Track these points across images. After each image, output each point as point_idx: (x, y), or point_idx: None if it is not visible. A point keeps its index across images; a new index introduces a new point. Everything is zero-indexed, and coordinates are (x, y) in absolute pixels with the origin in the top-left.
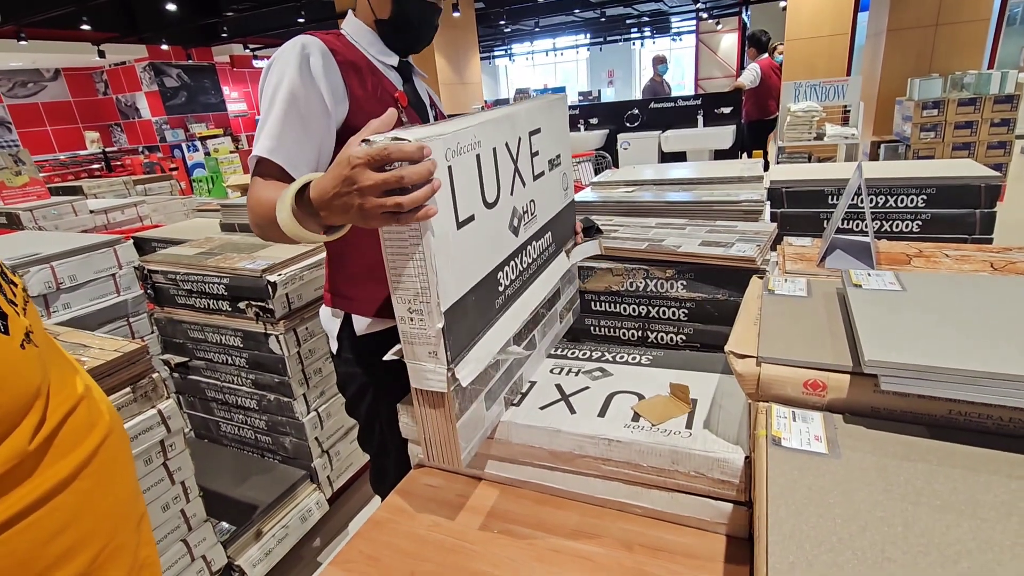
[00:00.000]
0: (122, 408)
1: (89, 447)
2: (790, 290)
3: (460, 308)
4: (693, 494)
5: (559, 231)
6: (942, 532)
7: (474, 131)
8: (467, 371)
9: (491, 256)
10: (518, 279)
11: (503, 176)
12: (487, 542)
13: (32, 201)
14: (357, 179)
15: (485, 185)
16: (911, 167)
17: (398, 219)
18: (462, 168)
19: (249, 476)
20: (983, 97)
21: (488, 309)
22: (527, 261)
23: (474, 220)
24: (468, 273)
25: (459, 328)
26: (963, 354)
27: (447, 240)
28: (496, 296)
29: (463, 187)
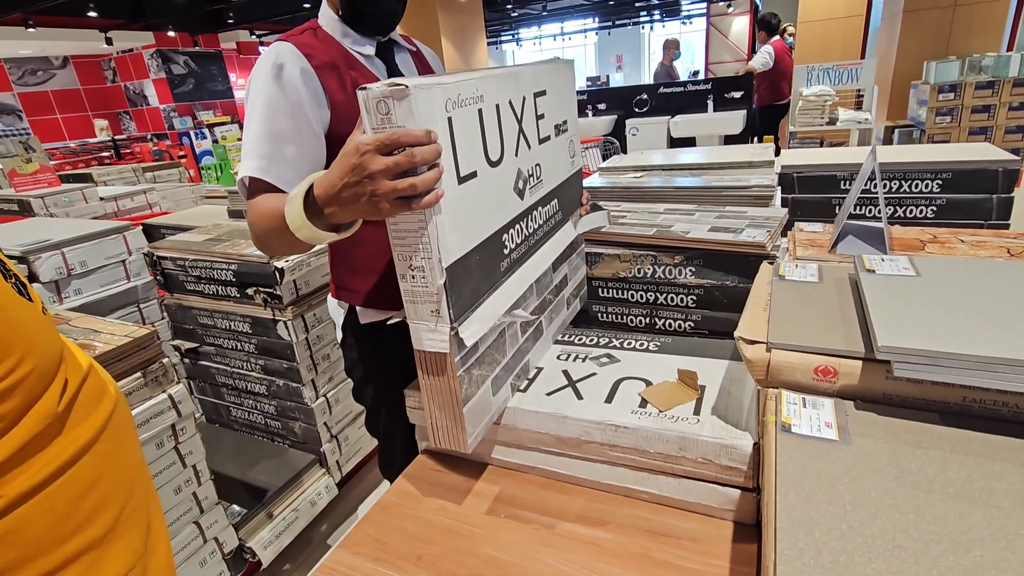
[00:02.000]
0: (133, 393)
1: (103, 414)
2: (801, 275)
3: (463, 266)
4: (700, 480)
5: (566, 199)
6: (955, 520)
7: (476, 84)
8: (471, 331)
9: (495, 216)
10: (524, 243)
11: (507, 135)
12: (494, 526)
13: (43, 188)
14: (367, 165)
15: (488, 141)
16: (926, 151)
17: (410, 204)
18: (463, 121)
19: (259, 460)
20: (1002, 80)
21: (493, 271)
22: (533, 226)
23: (477, 177)
24: (471, 231)
25: (462, 287)
26: (979, 340)
27: (447, 194)
28: (501, 259)
29: (464, 141)
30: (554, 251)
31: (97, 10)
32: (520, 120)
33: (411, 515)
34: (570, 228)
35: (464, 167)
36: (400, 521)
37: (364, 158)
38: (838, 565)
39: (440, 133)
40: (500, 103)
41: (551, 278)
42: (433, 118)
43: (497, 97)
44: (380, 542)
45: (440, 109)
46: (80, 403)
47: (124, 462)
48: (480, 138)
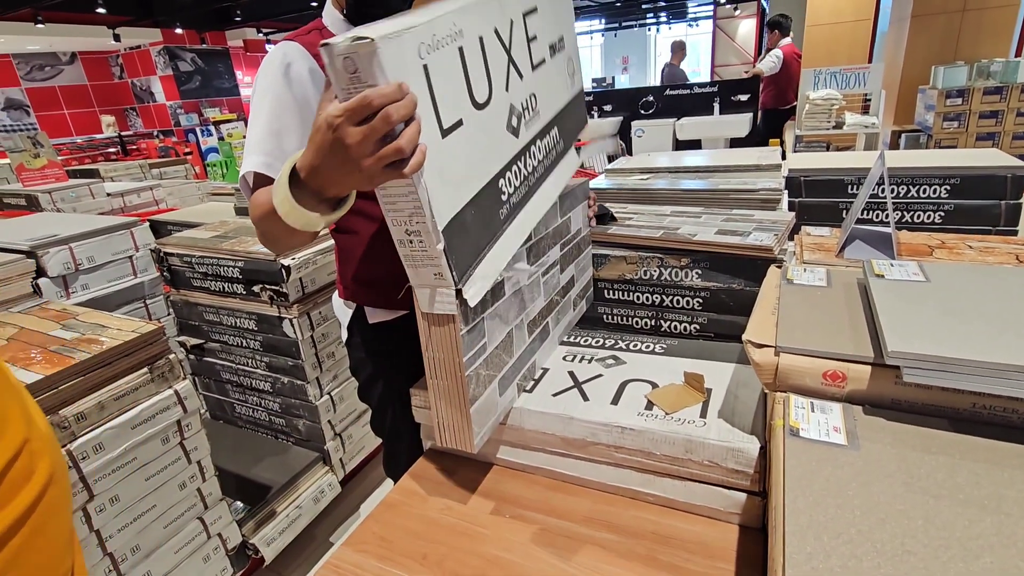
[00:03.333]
0: (139, 388)
1: (23, 503)
2: (809, 280)
3: (459, 224)
4: (706, 483)
5: (567, 125)
6: (964, 526)
7: (453, 19)
8: (474, 290)
9: (489, 163)
10: (523, 185)
11: (494, 70)
12: (498, 526)
13: (51, 183)
14: (343, 139)
15: (473, 83)
16: (934, 156)
17: (400, 170)
18: (442, 65)
19: (263, 457)
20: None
21: (492, 221)
22: (532, 164)
23: (463, 125)
24: (463, 185)
25: (461, 245)
26: (989, 346)
27: (432, 150)
28: (499, 206)
29: (445, 88)
30: (557, 186)
31: (105, 6)
32: (508, 49)
33: (416, 514)
34: (573, 157)
35: (447, 117)
36: (405, 520)
37: (338, 133)
38: (847, 570)
39: (416, 84)
40: (484, 34)
41: (559, 279)
42: (406, 69)
43: (479, 28)
44: (385, 540)
45: (413, 58)
46: None
47: (39, 555)
48: (463, 80)
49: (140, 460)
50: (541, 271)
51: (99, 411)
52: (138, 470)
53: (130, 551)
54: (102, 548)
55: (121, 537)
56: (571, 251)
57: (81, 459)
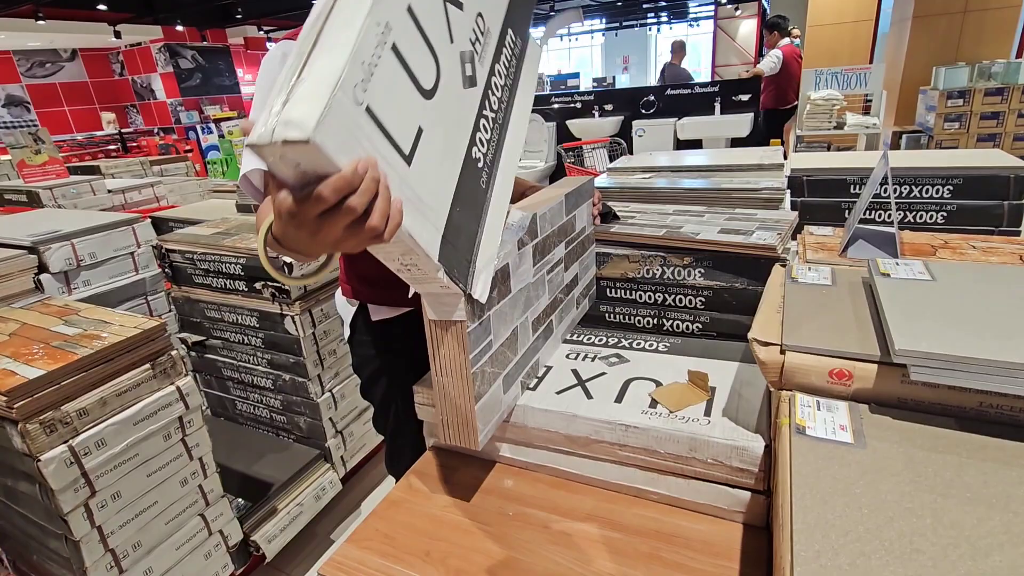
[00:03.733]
0: (141, 384)
1: None
2: (814, 278)
3: (450, 234)
4: (710, 481)
5: (518, 15)
6: (972, 525)
7: (375, 18)
8: (481, 286)
9: (457, 141)
10: (494, 130)
11: (433, 32)
12: (502, 524)
13: (52, 180)
14: (306, 229)
15: (418, 73)
16: (937, 156)
17: (382, 239)
18: (383, 87)
19: (264, 454)
20: (1011, 87)
21: (476, 199)
22: (497, 98)
23: (423, 133)
24: (442, 193)
25: (457, 251)
26: (997, 345)
27: (403, 186)
28: (479, 176)
29: (395, 110)
30: (528, 94)
31: (106, 3)
32: (447, 13)
33: (420, 511)
34: (534, 48)
35: (406, 140)
36: (408, 517)
37: (299, 223)
38: (855, 568)
39: (365, 135)
40: (412, 3)
41: (563, 277)
42: (351, 133)
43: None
44: (388, 537)
45: (353, 111)
46: None
47: None
48: (409, 81)
49: (142, 456)
50: (546, 269)
51: (101, 407)
52: (140, 466)
53: (131, 547)
54: (103, 544)
55: (123, 533)
56: (575, 249)
57: (83, 455)
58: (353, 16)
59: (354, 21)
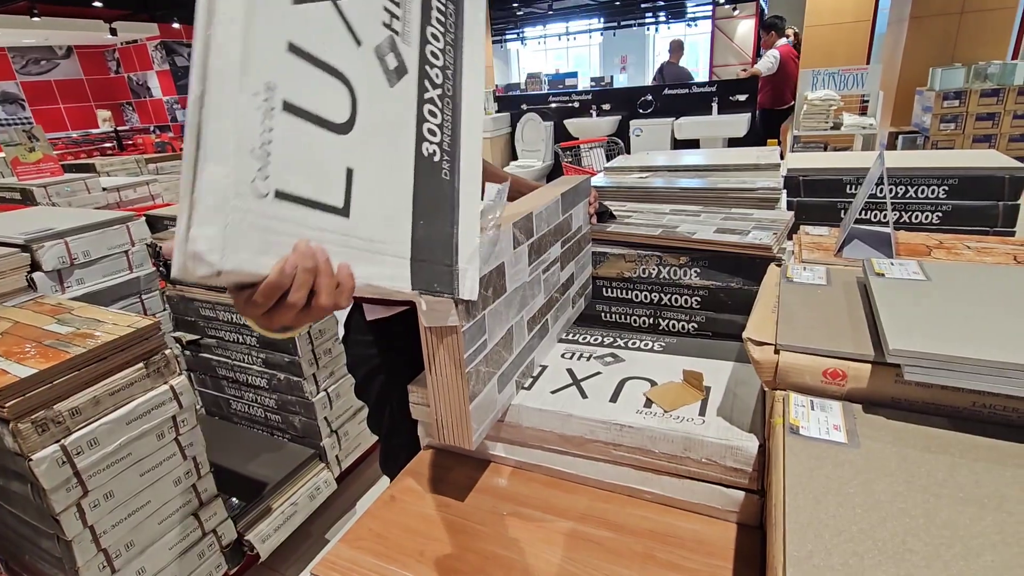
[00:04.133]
0: (134, 384)
1: None
2: (809, 278)
3: (420, 253)
4: (705, 481)
5: None
6: (965, 525)
7: (250, 89)
8: (469, 285)
9: (401, 151)
10: (444, 106)
11: (335, 54)
12: (496, 523)
13: (46, 177)
14: (264, 319)
15: (328, 115)
16: (932, 157)
17: (339, 305)
18: (291, 153)
19: (259, 454)
20: (1007, 88)
21: (442, 197)
22: (438, 65)
23: (354, 173)
24: (396, 222)
25: (434, 265)
26: (990, 345)
27: (348, 244)
28: (438, 171)
29: (311, 170)
30: (476, 44)
31: (102, 1)
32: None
33: (413, 511)
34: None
35: (334, 196)
36: (402, 517)
37: (250, 315)
38: (848, 568)
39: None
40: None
41: (559, 277)
42: (268, 233)
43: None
44: (382, 537)
45: (262, 211)
46: None
47: None
48: (318, 128)
49: (135, 456)
50: (541, 268)
51: (94, 406)
52: (133, 466)
53: (124, 547)
54: (96, 544)
55: (115, 533)
56: (571, 248)
57: (75, 454)
58: (224, 100)
59: (226, 107)
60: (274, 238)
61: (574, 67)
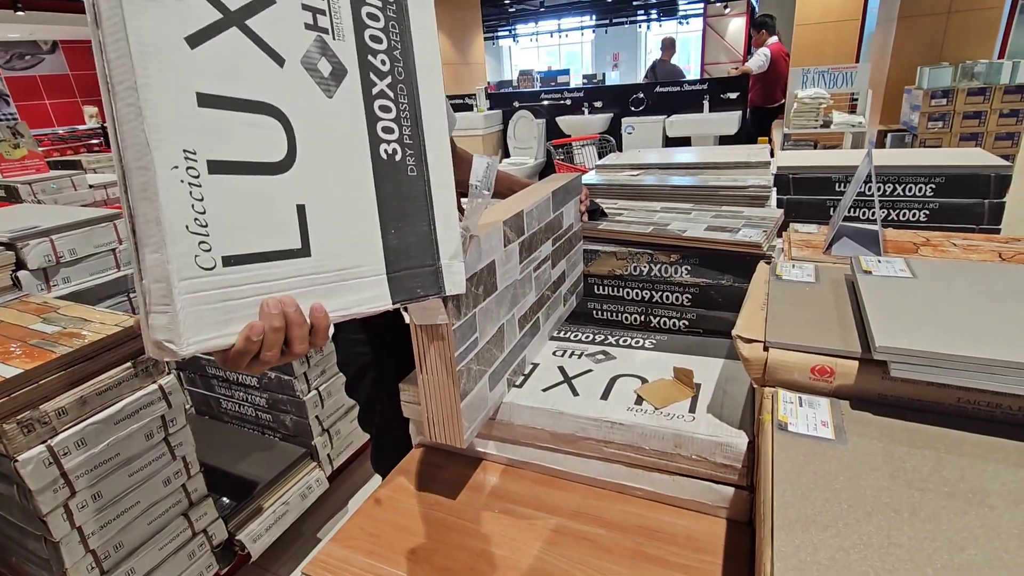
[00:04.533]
0: (122, 383)
1: None
2: (798, 275)
3: (397, 264)
4: (695, 477)
5: None
6: (949, 519)
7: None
8: (455, 280)
9: (355, 163)
10: (398, 94)
11: (258, 86)
12: (488, 521)
13: (31, 175)
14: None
15: (263, 157)
16: (920, 155)
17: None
18: (230, 214)
19: (250, 453)
20: (993, 87)
21: (408, 193)
22: (382, 49)
23: (307, 208)
24: (363, 240)
25: (414, 271)
26: (975, 341)
27: (312, 283)
28: (402, 170)
29: (258, 223)
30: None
31: None
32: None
33: (405, 509)
34: None
35: (290, 239)
36: (393, 515)
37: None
38: (834, 562)
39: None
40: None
41: (550, 274)
42: (225, 302)
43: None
44: (373, 536)
45: (213, 285)
46: None
47: None
48: (255, 177)
49: (123, 456)
50: (532, 266)
51: (81, 406)
52: (121, 466)
53: (113, 548)
54: (84, 545)
55: (103, 534)
56: (563, 246)
57: (62, 455)
58: (144, 182)
59: (148, 188)
60: (234, 304)
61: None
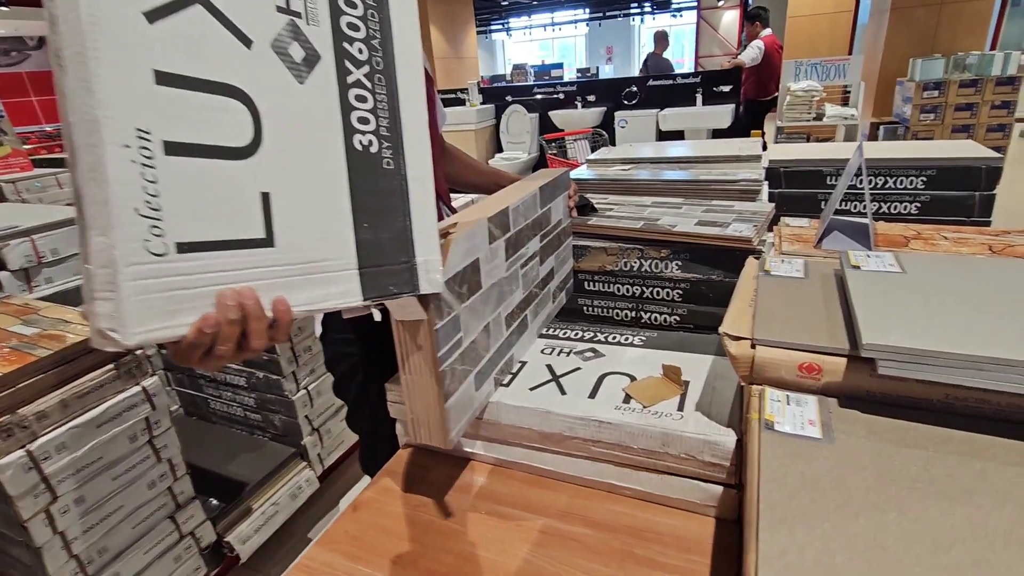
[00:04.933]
0: (104, 386)
1: None
2: (787, 271)
3: (369, 258)
4: (683, 476)
5: None
6: (936, 519)
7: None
8: (429, 278)
9: (327, 151)
10: (375, 83)
11: (221, 67)
12: (474, 523)
13: (15, 173)
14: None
15: (224, 141)
16: (911, 147)
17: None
18: (185, 199)
19: (239, 453)
20: (984, 79)
21: (384, 186)
22: (359, 37)
23: (272, 196)
24: (333, 232)
25: (387, 267)
26: (963, 338)
27: (275, 276)
28: (378, 162)
29: (217, 210)
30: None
31: None
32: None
33: (390, 511)
34: None
35: (251, 228)
36: (379, 518)
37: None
38: (820, 564)
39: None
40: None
41: (538, 271)
42: (176, 291)
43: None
44: (357, 539)
45: (162, 273)
46: None
47: None
48: (214, 161)
49: (106, 460)
50: (519, 263)
51: (62, 409)
52: (104, 470)
53: (97, 553)
54: (67, 551)
55: (87, 539)
56: (551, 242)
57: (43, 459)
58: (91, 159)
59: (96, 167)
60: (188, 294)
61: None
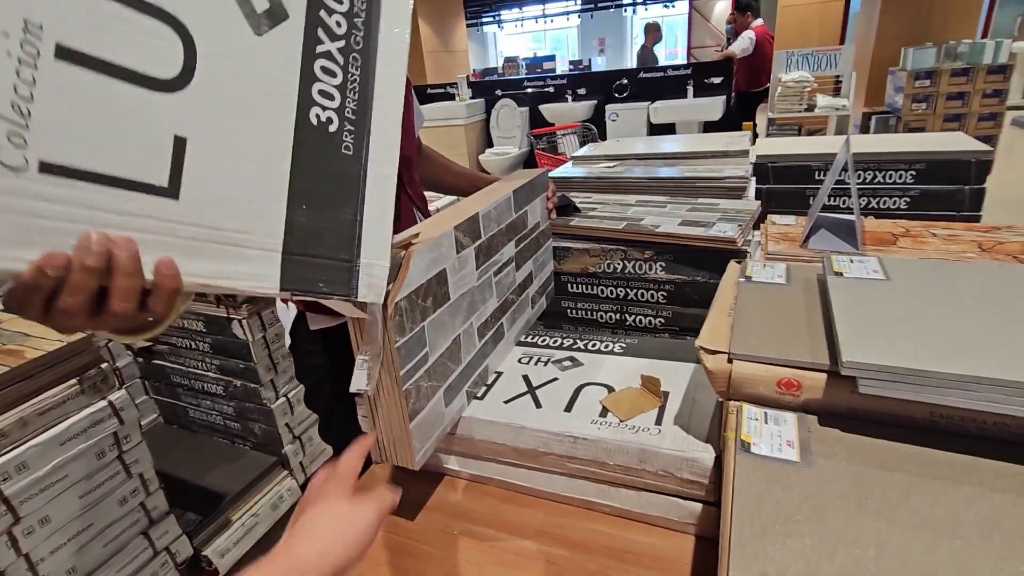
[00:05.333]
0: (67, 402)
1: None
2: (768, 276)
3: (299, 246)
4: (662, 493)
5: None
6: (918, 555)
7: None
8: (372, 284)
9: (274, 118)
10: (349, 63)
11: None
12: (446, 545)
13: None
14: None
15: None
16: (901, 141)
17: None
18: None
19: (218, 463)
20: (976, 67)
21: (336, 171)
22: (340, 11)
23: (188, 142)
24: (261, 207)
25: (319, 262)
26: (947, 355)
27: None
28: (335, 145)
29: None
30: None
31: None
32: None
33: None
34: None
35: (152, 172)
36: None
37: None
38: None
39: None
40: None
41: (514, 277)
42: (28, 217)
43: None
44: None
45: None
46: None
47: None
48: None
49: (72, 477)
50: (493, 270)
51: (21, 428)
52: (70, 488)
53: (66, 573)
54: (33, 573)
55: (54, 560)
56: (528, 246)
57: (2, 480)
58: None
59: None
60: (43, 225)
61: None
